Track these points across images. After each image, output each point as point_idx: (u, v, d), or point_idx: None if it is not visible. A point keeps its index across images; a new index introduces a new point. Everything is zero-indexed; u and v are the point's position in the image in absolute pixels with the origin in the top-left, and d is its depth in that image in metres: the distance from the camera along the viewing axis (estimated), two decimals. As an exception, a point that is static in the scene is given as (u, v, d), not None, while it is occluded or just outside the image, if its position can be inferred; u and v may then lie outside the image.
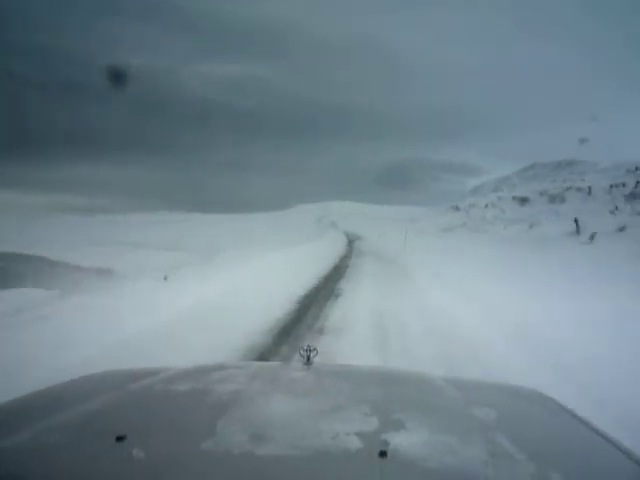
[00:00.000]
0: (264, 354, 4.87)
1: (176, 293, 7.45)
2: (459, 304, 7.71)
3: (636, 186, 26.03)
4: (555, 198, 32.15)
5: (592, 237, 17.25)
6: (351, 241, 31.77)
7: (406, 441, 0.97)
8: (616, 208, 22.71)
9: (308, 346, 1.61)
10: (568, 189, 33.47)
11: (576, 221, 19.68)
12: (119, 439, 0.95)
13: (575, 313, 6.47)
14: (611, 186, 28.47)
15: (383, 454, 0.91)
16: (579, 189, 31.89)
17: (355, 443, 0.96)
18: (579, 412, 1.34)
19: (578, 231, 19.14)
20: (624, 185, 27.54)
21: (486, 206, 40.22)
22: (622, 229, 17.67)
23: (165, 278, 8.73)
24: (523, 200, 36.25)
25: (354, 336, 5.70)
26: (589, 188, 30.33)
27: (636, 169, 32.03)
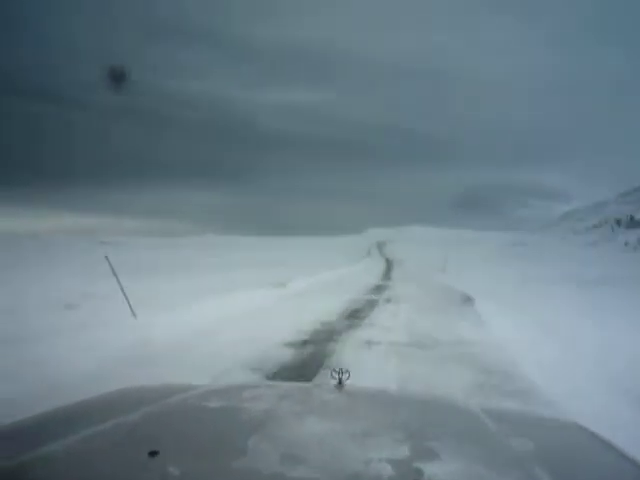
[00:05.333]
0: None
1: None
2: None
3: None
4: None
5: None
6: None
7: (440, 471, 0.92)
8: None
9: (340, 369, 1.56)
10: None
11: None
12: (152, 454, 0.94)
13: None
14: None
15: None
16: None
17: (388, 470, 0.91)
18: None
19: None
20: None
21: None
22: None
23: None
24: None
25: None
26: None
27: None
